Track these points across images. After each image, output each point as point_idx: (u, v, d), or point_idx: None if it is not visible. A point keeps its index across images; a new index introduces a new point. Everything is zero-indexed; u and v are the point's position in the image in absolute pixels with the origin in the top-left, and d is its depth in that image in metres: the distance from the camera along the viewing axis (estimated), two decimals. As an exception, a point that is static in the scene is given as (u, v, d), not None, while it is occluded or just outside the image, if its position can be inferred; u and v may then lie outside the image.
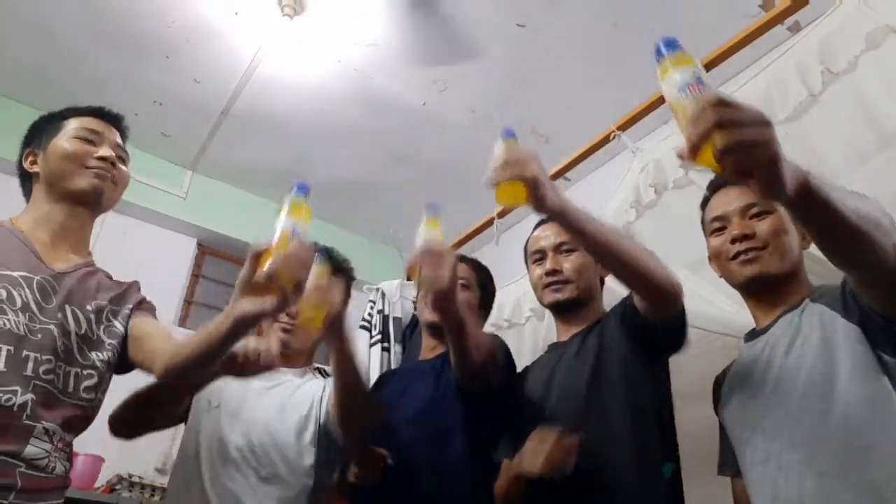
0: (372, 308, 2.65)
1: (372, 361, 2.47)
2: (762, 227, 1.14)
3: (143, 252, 3.06)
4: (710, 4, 2.22)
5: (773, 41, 1.87)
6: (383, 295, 2.66)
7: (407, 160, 3.24)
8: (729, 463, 1.18)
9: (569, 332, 1.45)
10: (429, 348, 1.74)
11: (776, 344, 1.07)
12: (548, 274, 1.45)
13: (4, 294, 1.08)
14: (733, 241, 1.15)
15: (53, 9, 2.48)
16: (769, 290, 1.13)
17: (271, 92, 2.83)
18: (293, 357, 1.61)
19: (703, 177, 1.64)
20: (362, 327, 2.63)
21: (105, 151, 1.28)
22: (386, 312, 2.60)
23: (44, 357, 1.08)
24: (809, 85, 1.43)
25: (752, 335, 1.17)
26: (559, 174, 2.31)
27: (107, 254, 1.46)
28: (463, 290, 1.64)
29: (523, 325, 2.23)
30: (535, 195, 1.09)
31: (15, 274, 1.11)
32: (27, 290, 1.11)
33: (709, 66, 1.80)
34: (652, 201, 1.77)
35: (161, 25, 2.52)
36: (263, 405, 1.50)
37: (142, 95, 2.86)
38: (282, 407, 1.50)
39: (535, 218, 1.53)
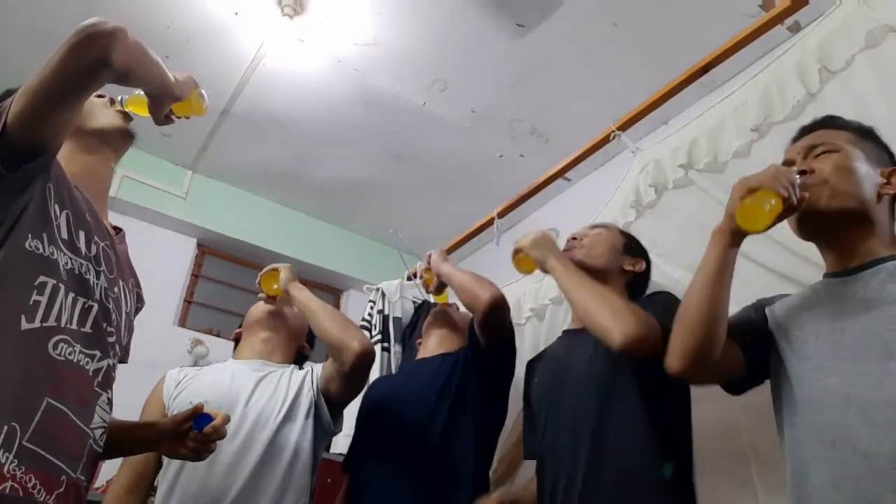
0: (372, 308, 2.65)
1: (372, 361, 2.47)
2: (821, 164, 1.08)
3: (143, 252, 3.05)
4: (710, 4, 2.22)
5: (773, 41, 1.87)
6: (383, 295, 2.66)
7: (407, 160, 3.24)
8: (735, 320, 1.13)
9: None
10: (428, 348, 1.75)
11: (879, 289, 0.98)
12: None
13: (94, 252, 1.00)
14: None
15: (53, 9, 2.49)
16: (831, 229, 1.07)
17: (271, 92, 2.84)
18: (275, 352, 1.64)
19: (703, 177, 1.64)
20: (362, 327, 2.63)
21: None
22: (386, 312, 2.60)
23: (109, 328, 1.03)
24: (808, 84, 1.43)
25: (835, 275, 1.08)
26: (559, 174, 2.31)
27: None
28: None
29: (523, 325, 2.22)
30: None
31: (93, 234, 1.03)
32: (101, 254, 1.04)
33: (709, 66, 1.80)
34: (652, 201, 1.77)
35: (161, 26, 2.52)
36: (259, 393, 1.50)
37: (142, 95, 2.87)
38: (276, 391, 1.51)
39: (535, 218, 1.55)
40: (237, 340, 1.71)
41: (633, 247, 1.53)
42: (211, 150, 3.25)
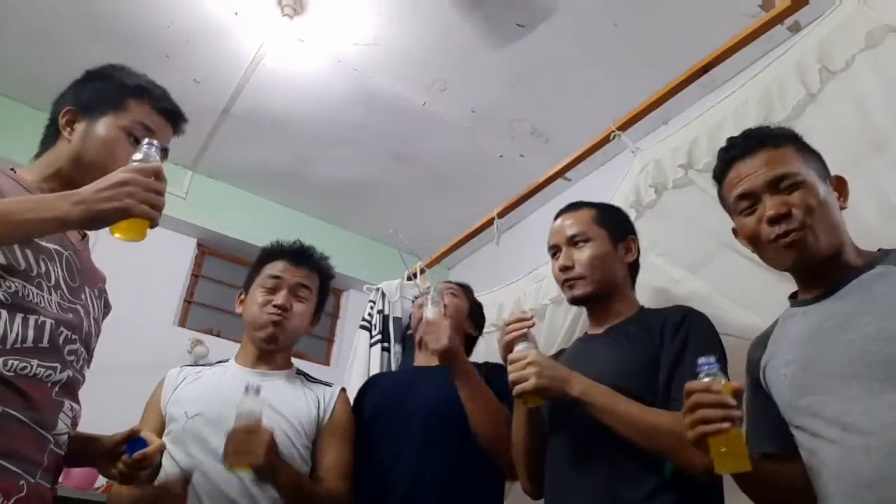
0: (372, 308, 2.65)
1: (372, 361, 2.47)
2: (796, 201, 1.03)
3: (143, 252, 3.05)
4: (710, 4, 2.22)
5: (773, 41, 1.87)
6: (383, 295, 2.65)
7: (407, 160, 3.24)
8: (764, 438, 1.08)
9: (602, 325, 1.41)
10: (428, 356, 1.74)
11: (849, 311, 0.97)
12: (561, 270, 1.43)
13: (43, 268, 1.02)
14: (769, 222, 1.05)
15: (53, 9, 2.48)
16: (817, 269, 1.05)
17: (271, 92, 2.83)
18: (276, 353, 1.61)
19: (703, 177, 1.64)
20: (362, 327, 2.63)
21: None
22: (386, 312, 2.60)
23: (72, 336, 1.05)
24: (808, 84, 1.43)
25: (805, 302, 1.07)
26: (559, 174, 2.31)
27: (107, 253, 1.45)
28: (452, 297, 1.74)
29: (523, 324, 2.22)
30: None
31: (50, 246, 1.05)
32: (58, 265, 1.05)
33: (709, 66, 1.80)
34: (652, 201, 1.77)
35: (161, 26, 2.52)
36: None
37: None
38: (283, 402, 1.50)
39: (535, 218, 1.55)
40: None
41: (616, 231, 1.46)
42: (211, 150, 3.25)
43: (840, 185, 1.10)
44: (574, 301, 1.45)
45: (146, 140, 1.02)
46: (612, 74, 2.55)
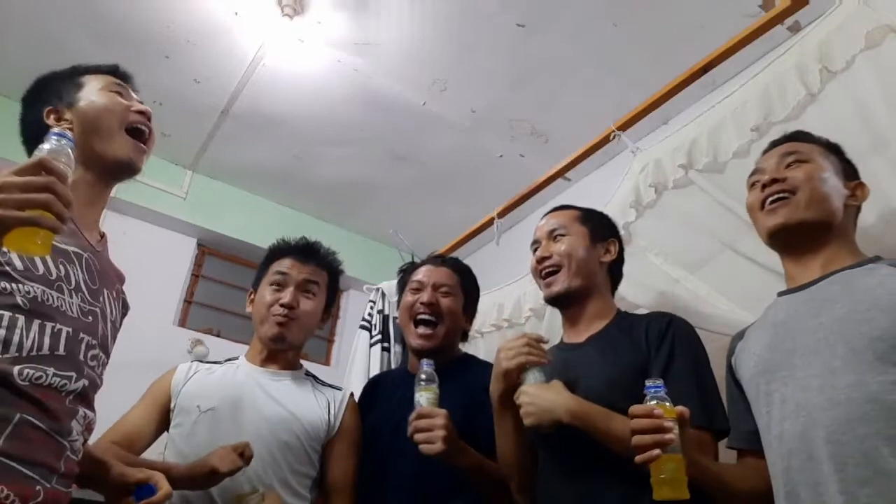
0: (372, 308, 2.65)
1: (372, 361, 2.47)
2: (793, 173, 1.11)
3: (143, 252, 3.07)
4: (710, 4, 2.22)
5: (773, 41, 1.87)
6: (383, 295, 2.65)
7: (407, 160, 3.24)
8: (737, 434, 1.12)
9: (581, 331, 1.37)
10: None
11: (826, 297, 1.00)
12: (538, 261, 1.42)
13: (63, 271, 1.00)
14: (763, 187, 1.13)
15: (53, 9, 2.48)
16: (801, 241, 1.09)
17: (271, 92, 2.83)
18: (286, 352, 1.61)
19: (703, 177, 1.64)
20: (362, 327, 2.63)
21: (140, 106, 1.20)
22: (386, 312, 2.60)
23: (92, 342, 1.04)
24: (808, 84, 1.43)
25: (790, 291, 1.10)
26: (559, 174, 2.31)
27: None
28: (446, 297, 1.66)
29: (523, 324, 2.23)
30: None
31: (69, 249, 1.03)
32: (78, 268, 1.04)
33: (709, 66, 1.80)
34: (652, 201, 1.77)
35: (161, 25, 2.52)
36: (272, 400, 1.49)
37: (142, 95, 2.84)
38: (294, 403, 1.51)
39: (535, 218, 1.54)
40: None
41: (597, 230, 1.44)
42: (211, 150, 3.25)
43: (857, 188, 1.15)
44: (550, 299, 1.42)
45: (53, 130, 0.87)
46: (612, 74, 2.55)
